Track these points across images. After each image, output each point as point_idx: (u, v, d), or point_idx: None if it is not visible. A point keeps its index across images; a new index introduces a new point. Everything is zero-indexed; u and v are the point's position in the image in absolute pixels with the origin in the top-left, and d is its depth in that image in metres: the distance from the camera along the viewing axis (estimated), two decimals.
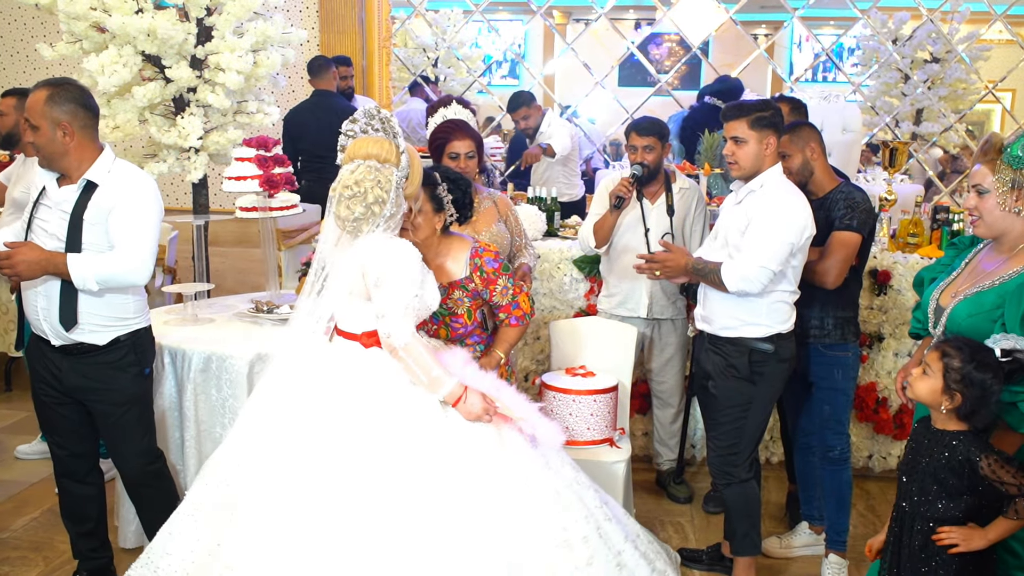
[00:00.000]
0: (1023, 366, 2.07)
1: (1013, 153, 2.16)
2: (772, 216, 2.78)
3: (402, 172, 2.37)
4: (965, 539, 2.10)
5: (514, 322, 2.76)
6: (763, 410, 2.97)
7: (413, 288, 2.34)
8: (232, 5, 3.73)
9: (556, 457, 2.48)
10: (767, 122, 2.83)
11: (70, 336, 2.70)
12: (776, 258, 2.76)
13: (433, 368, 2.32)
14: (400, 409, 2.34)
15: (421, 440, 2.30)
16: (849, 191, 3.05)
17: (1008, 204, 2.20)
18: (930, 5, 6.77)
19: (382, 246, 2.34)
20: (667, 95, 7.17)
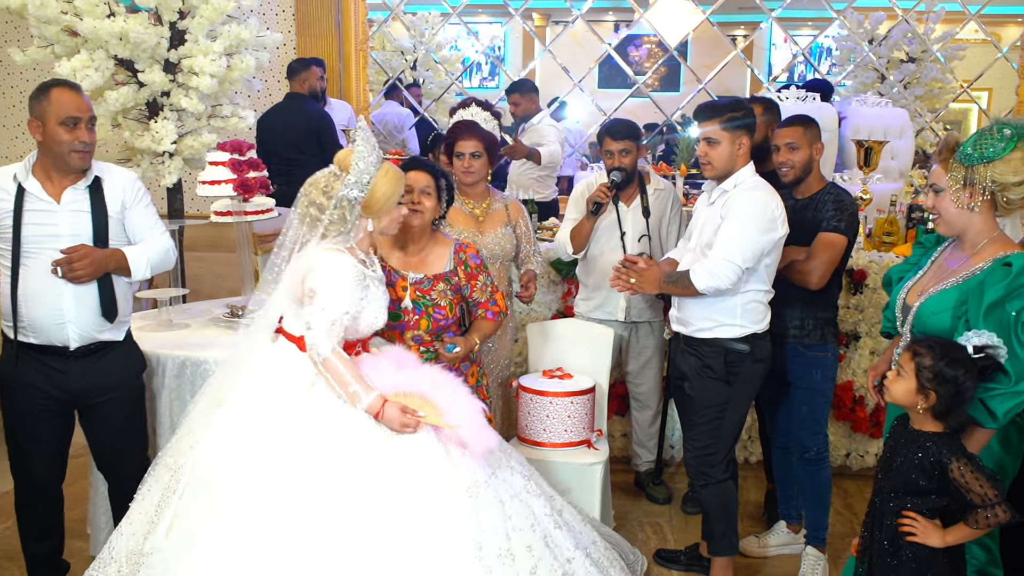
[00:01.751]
0: (995, 363, 2.09)
1: (964, 151, 2.20)
2: (741, 213, 2.79)
3: (351, 182, 2.37)
4: (924, 532, 2.13)
5: (490, 316, 2.94)
6: (739, 410, 2.98)
7: (343, 305, 2.36)
8: (205, 8, 3.70)
9: (505, 464, 2.48)
10: (740, 123, 2.84)
11: (99, 335, 2.73)
12: (743, 254, 2.76)
13: (350, 384, 2.33)
14: (329, 417, 2.34)
15: (348, 450, 2.29)
16: (837, 193, 3.07)
17: (962, 201, 2.22)
18: (905, 5, 6.83)
19: (322, 258, 2.38)
20: (645, 97, 7.19)
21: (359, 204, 2.40)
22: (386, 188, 2.43)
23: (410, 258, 2.86)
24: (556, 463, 3.26)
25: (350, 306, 2.38)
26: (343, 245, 2.43)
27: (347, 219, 2.40)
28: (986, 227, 2.24)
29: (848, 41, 7.58)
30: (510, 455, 2.60)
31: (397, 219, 2.54)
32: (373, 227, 2.49)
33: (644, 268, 2.94)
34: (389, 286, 2.77)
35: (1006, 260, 2.16)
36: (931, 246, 2.48)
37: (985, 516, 2.06)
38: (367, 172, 2.38)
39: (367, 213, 2.44)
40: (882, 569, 2.22)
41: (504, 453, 2.57)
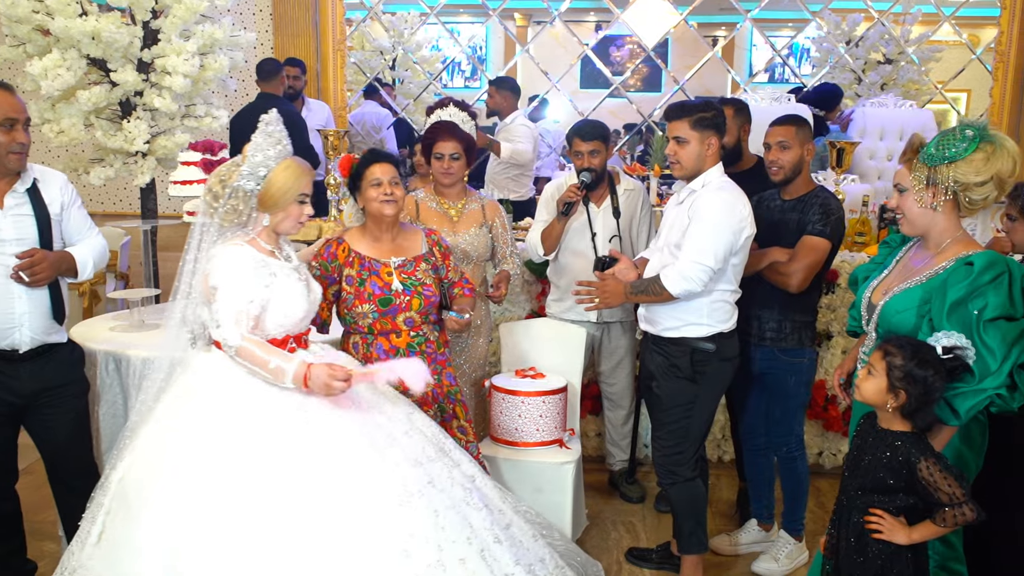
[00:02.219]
0: (963, 363, 2.11)
1: (928, 152, 2.23)
2: (710, 213, 2.80)
3: (245, 172, 2.36)
4: (890, 529, 2.15)
5: (468, 292, 3.05)
6: (707, 409, 2.99)
7: (245, 294, 2.34)
8: (178, 8, 3.68)
9: (446, 476, 2.43)
10: (709, 123, 2.86)
11: (48, 337, 2.75)
12: (714, 254, 2.77)
13: (269, 361, 2.32)
14: (256, 424, 2.29)
15: (275, 457, 2.24)
16: (825, 197, 3.06)
17: (925, 201, 2.25)
18: (881, 7, 6.88)
19: (219, 253, 2.38)
20: (622, 97, 7.22)
21: (255, 197, 2.39)
22: (282, 183, 2.40)
23: (383, 247, 2.89)
24: (528, 462, 3.28)
25: (254, 295, 2.35)
26: (243, 239, 2.42)
27: (241, 211, 2.39)
28: (949, 227, 2.27)
29: (826, 42, 7.63)
30: (457, 464, 2.54)
31: (297, 218, 2.48)
32: (268, 222, 2.44)
33: (605, 283, 2.95)
34: (374, 275, 2.82)
35: (968, 259, 2.19)
36: (896, 246, 2.51)
37: (953, 515, 2.09)
38: (263, 165, 2.37)
39: (262, 207, 2.41)
40: (849, 566, 2.24)
41: (451, 462, 2.51)
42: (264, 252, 2.44)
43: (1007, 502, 2.58)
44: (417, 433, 2.49)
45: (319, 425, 2.32)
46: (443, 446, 2.55)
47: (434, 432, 2.58)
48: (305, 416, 2.32)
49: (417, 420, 2.56)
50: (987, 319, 2.11)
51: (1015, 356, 2.10)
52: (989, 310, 2.11)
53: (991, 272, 2.13)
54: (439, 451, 2.50)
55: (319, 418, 2.33)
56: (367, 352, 2.86)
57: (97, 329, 3.38)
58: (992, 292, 2.12)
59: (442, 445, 2.55)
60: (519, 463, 3.28)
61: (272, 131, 2.40)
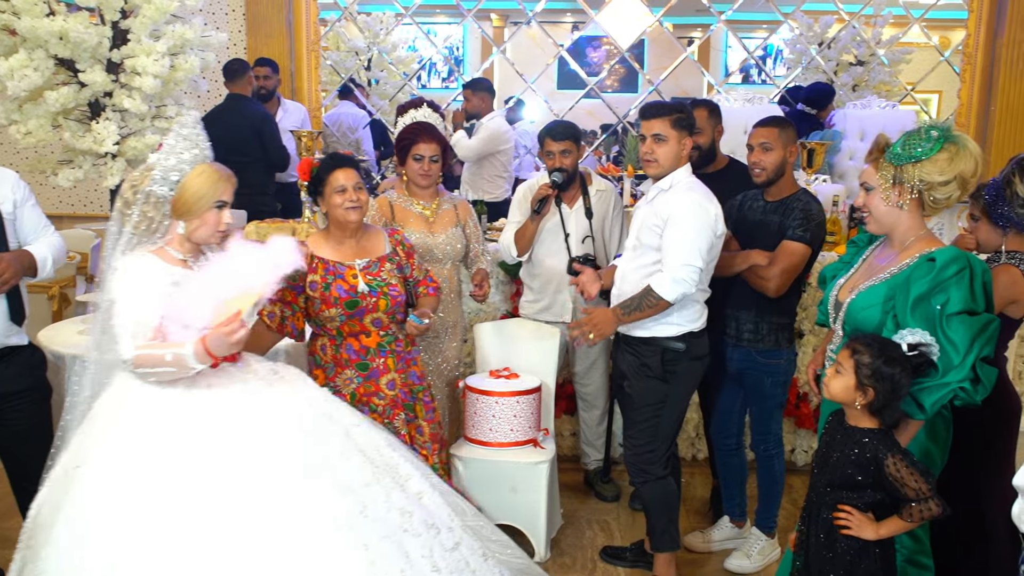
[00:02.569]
0: (928, 359, 2.14)
1: (894, 151, 2.27)
2: (686, 216, 2.82)
3: (157, 177, 2.27)
4: (858, 525, 2.17)
5: (432, 292, 3.04)
6: (677, 408, 3.02)
7: (142, 308, 2.22)
8: (148, 8, 3.66)
9: (382, 500, 2.29)
10: (685, 123, 2.89)
11: (7, 340, 2.71)
12: (701, 254, 2.80)
13: (166, 354, 2.18)
14: (165, 451, 2.15)
15: (186, 489, 2.10)
16: (807, 201, 3.06)
17: (891, 200, 2.29)
18: (851, 9, 6.96)
19: (119, 265, 2.28)
20: (596, 98, 7.24)
21: (168, 203, 2.29)
22: (196, 188, 2.29)
23: (347, 250, 2.88)
24: (503, 462, 3.28)
25: (150, 306, 2.22)
26: (150, 247, 2.32)
27: (153, 218, 2.29)
28: (913, 225, 2.31)
29: (799, 44, 7.70)
30: (403, 483, 2.41)
31: (215, 226, 2.35)
32: (183, 230, 2.33)
33: (593, 315, 2.90)
34: (339, 278, 2.79)
35: (931, 256, 2.22)
36: (864, 245, 2.54)
37: (919, 510, 2.12)
38: (176, 169, 2.27)
39: (176, 214, 2.30)
40: (818, 561, 2.26)
41: (393, 482, 2.38)
42: (172, 261, 2.33)
43: (975, 496, 2.62)
44: (355, 454, 2.35)
45: (242, 456, 2.17)
46: (389, 462, 2.44)
47: (379, 448, 2.46)
48: (229, 443, 2.18)
49: (359, 437, 2.44)
50: (950, 314, 2.14)
51: (977, 350, 2.13)
52: (951, 305, 2.15)
53: (953, 268, 2.17)
54: (382, 470, 2.38)
55: (243, 447, 2.19)
56: (336, 353, 2.85)
57: (65, 333, 3.34)
58: (954, 287, 2.15)
59: (388, 461, 2.44)
60: (493, 463, 3.28)
61: (188, 134, 2.29)
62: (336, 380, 2.85)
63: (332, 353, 2.85)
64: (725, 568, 3.32)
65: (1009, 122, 5.95)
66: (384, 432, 2.57)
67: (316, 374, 2.87)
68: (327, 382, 2.85)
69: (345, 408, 2.52)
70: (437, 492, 2.50)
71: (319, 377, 2.86)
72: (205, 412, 2.24)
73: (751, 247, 3.12)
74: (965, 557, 2.63)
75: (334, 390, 2.83)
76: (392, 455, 2.47)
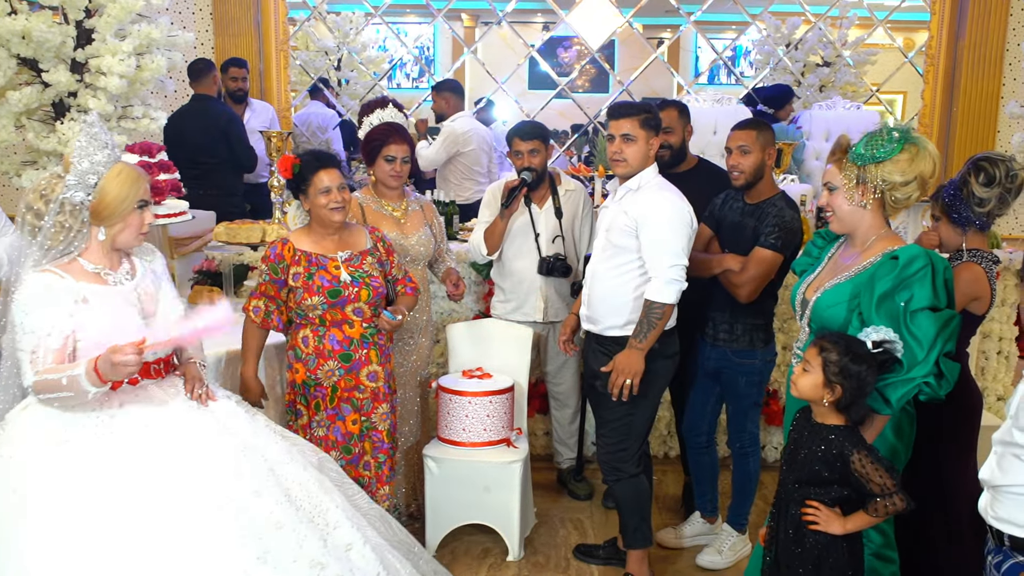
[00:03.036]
0: (893, 356, 2.18)
1: (857, 152, 2.31)
2: (662, 216, 2.85)
3: (72, 183, 2.13)
4: (825, 521, 2.20)
5: (410, 291, 3.10)
6: (649, 406, 3.04)
7: (42, 328, 2.11)
8: (113, 7, 3.62)
9: (291, 548, 2.15)
10: (653, 123, 2.93)
11: None
12: (683, 251, 2.86)
13: (62, 378, 2.05)
14: (58, 505, 2.03)
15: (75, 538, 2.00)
16: (782, 207, 3.06)
17: (855, 199, 2.34)
18: (818, 10, 7.05)
19: (24, 282, 2.14)
20: (567, 98, 7.26)
21: (87, 209, 2.15)
22: (118, 191, 2.17)
23: (329, 244, 2.91)
24: (476, 462, 3.29)
25: (52, 326, 2.10)
26: (63, 260, 2.17)
27: (71, 227, 2.14)
28: (876, 224, 2.35)
29: (767, 45, 7.78)
30: (327, 532, 2.28)
31: (139, 228, 2.25)
32: (105, 236, 2.21)
33: (616, 361, 2.89)
34: (322, 269, 2.81)
35: (894, 254, 2.27)
36: (831, 239, 2.57)
37: (884, 505, 2.15)
38: (92, 172, 2.13)
39: (98, 221, 2.18)
40: (787, 557, 2.29)
41: (314, 529, 2.24)
42: (83, 276, 2.19)
43: (939, 489, 2.67)
44: (275, 492, 2.21)
45: (128, 488, 2.07)
46: (319, 506, 2.30)
47: (308, 491, 2.32)
48: (114, 474, 2.07)
49: (288, 476, 2.30)
50: (914, 310, 2.19)
51: (940, 345, 2.18)
52: (915, 302, 2.19)
53: (915, 265, 2.21)
54: (304, 515, 2.24)
55: (131, 479, 2.08)
56: (319, 345, 2.86)
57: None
58: (917, 284, 2.20)
59: (317, 505, 2.30)
60: (467, 463, 3.29)
61: (97, 133, 2.15)
62: (318, 372, 2.86)
63: (315, 344, 2.86)
64: (697, 564, 3.35)
65: (971, 122, 6.05)
66: (318, 475, 2.41)
67: (297, 367, 2.88)
68: (308, 375, 2.85)
69: (278, 444, 2.39)
70: (370, 546, 2.34)
71: (300, 371, 2.87)
72: (104, 436, 2.13)
73: (729, 247, 3.17)
74: (930, 550, 2.68)
75: (315, 383, 2.85)
76: (323, 499, 2.32)
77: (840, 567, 2.22)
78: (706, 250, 3.24)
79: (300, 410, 2.92)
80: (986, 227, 2.71)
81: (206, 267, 3.78)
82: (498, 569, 3.29)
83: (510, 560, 3.34)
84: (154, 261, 2.41)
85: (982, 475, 1.95)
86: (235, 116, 5.23)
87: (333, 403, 2.90)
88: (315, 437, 2.88)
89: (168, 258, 3.77)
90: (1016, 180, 2.63)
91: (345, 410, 2.91)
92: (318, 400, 2.89)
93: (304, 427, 2.91)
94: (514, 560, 3.34)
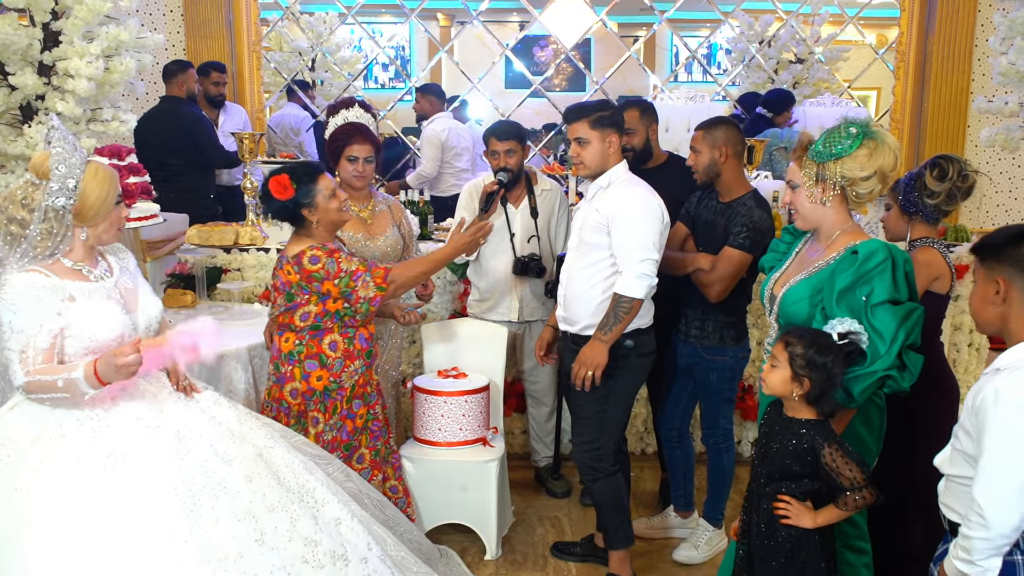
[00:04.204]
0: (858, 348, 2.20)
1: (816, 149, 2.34)
2: (632, 210, 2.86)
3: (54, 189, 2.13)
4: (797, 514, 2.23)
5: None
6: (624, 403, 3.05)
7: (29, 327, 2.12)
8: (80, 9, 3.58)
9: (286, 527, 2.21)
10: (608, 121, 2.91)
11: None
12: (653, 245, 2.85)
13: (58, 380, 2.09)
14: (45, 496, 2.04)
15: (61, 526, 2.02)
16: (751, 207, 3.08)
17: (815, 196, 2.36)
18: (789, 8, 7.10)
19: (9, 282, 2.15)
20: (543, 97, 7.28)
21: (69, 213, 2.17)
22: (99, 190, 2.19)
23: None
24: (453, 461, 3.29)
25: (40, 325, 2.12)
26: (47, 261, 2.19)
27: (56, 232, 2.16)
28: (839, 220, 2.38)
29: (740, 43, 7.83)
30: (316, 509, 2.33)
31: (118, 223, 2.28)
32: (87, 237, 2.24)
33: (581, 354, 2.90)
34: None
35: (854, 249, 2.29)
36: (798, 235, 2.59)
37: (854, 498, 2.17)
38: (71, 176, 2.14)
39: (81, 222, 2.20)
40: (760, 550, 2.31)
41: (305, 508, 2.29)
42: (66, 274, 2.21)
43: (915, 477, 2.70)
44: (265, 476, 2.27)
45: (126, 480, 2.10)
46: (305, 485, 2.36)
47: (295, 471, 2.37)
48: (112, 468, 2.10)
49: (275, 459, 2.36)
50: (874, 304, 2.22)
51: (902, 338, 2.21)
52: (875, 295, 2.22)
53: (875, 259, 2.24)
54: (294, 495, 2.30)
55: (128, 471, 2.11)
56: (349, 346, 2.85)
57: None
58: (877, 278, 2.23)
59: (304, 485, 2.36)
60: (443, 463, 3.29)
61: (65, 135, 2.15)
62: (341, 376, 2.85)
63: (344, 347, 2.84)
64: (673, 559, 3.37)
65: (941, 118, 6.12)
66: (301, 456, 2.46)
67: (319, 375, 2.83)
68: (331, 380, 2.84)
69: (262, 430, 2.43)
70: (356, 519, 2.41)
71: (323, 378, 2.83)
72: (99, 431, 2.15)
73: (703, 245, 3.19)
74: (904, 537, 2.71)
75: (337, 387, 2.85)
76: (309, 479, 2.38)
77: (813, 559, 2.24)
78: (682, 248, 3.26)
79: (317, 417, 2.85)
80: (932, 219, 2.76)
81: (179, 270, 3.76)
82: (476, 568, 3.29)
83: (488, 559, 3.34)
84: (127, 259, 2.43)
85: (936, 461, 2.00)
86: (201, 117, 5.18)
87: (348, 404, 2.89)
88: (324, 442, 2.84)
89: (140, 261, 3.75)
90: (967, 181, 2.70)
91: (356, 406, 2.91)
92: (337, 403, 2.86)
93: (320, 434, 2.85)
94: (492, 559, 3.34)
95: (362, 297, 2.77)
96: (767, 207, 3.16)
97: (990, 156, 5.99)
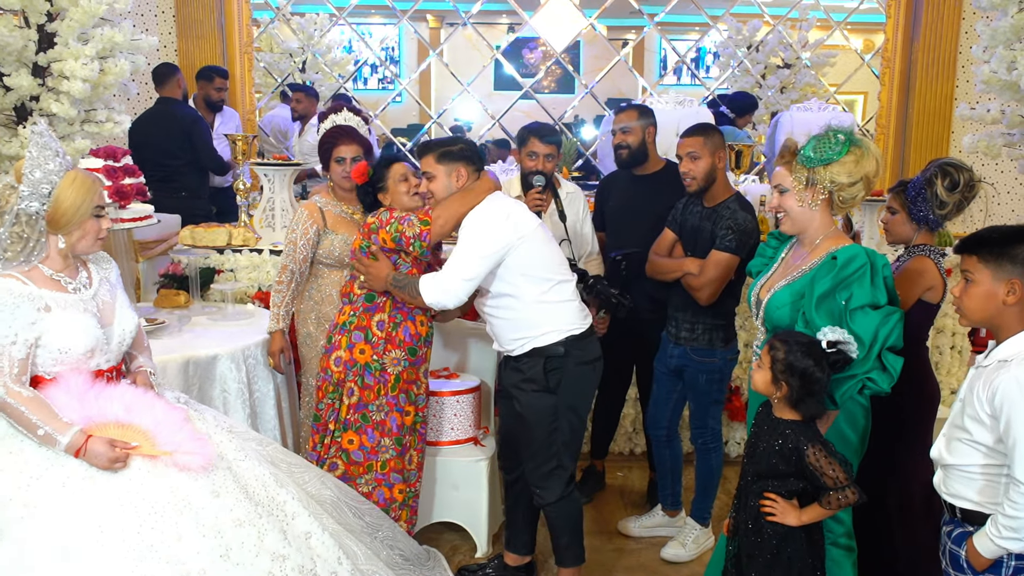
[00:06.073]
0: (846, 356, 2.25)
1: (805, 154, 2.40)
2: (467, 232, 2.76)
3: (26, 193, 2.12)
4: (782, 512, 2.27)
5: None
6: (574, 417, 2.88)
7: (4, 334, 2.10)
8: (75, 11, 3.60)
9: (252, 543, 2.16)
10: (455, 155, 2.80)
11: None
12: (471, 269, 2.70)
13: (38, 427, 2.07)
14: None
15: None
16: (735, 210, 3.10)
17: (805, 201, 2.42)
18: (777, 12, 7.17)
19: None
20: (532, 99, 7.32)
21: (43, 218, 2.15)
22: (74, 198, 2.16)
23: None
24: (444, 461, 3.33)
25: (16, 336, 2.10)
26: (24, 267, 2.17)
27: (28, 237, 2.14)
28: (824, 224, 2.44)
29: (728, 47, 7.89)
30: (285, 523, 2.28)
31: (96, 234, 2.25)
32: (64, 244, 2.21)
33: (372, 266, 2.88)
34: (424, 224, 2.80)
35: (833, 254, 2.35)
36: (784, 240, 2.65)
37: (837, 498, 2.22)
38: (46, 181, 2.12)
39: (55, 229, 2.18)
40: (748, 547, 2.35)
41: (273, 522, 2.25)
42: (44, 283, 2.19)
43: (898, 476, 2.75)
44: (233, 490, 2.22)
45: (81, 496, 2.07)
46: (275, 499, 2.31)
47: (265, 485, 2.33)
48: (81, 478, 2.09)
49: (245, 472, 2.31)
50: (853, 308, 2.28)
51: (882, 341, 2.27)
52: (854, 300, 2.28)
53: (853, 265, 2.31)
54: (263, 509, 2.25)
55: (84, 487, 2.08)
56: (393, 331, 2.96)
57: None
58: (856, 284, 2.29)
59: (274, 498, 2.31)
60: (435, 462, 3.33)
61: (47, 142, 2.13)
62: (384, 358, 2.94)
63: (389, 330, 2.94)
64: (661, 557, 3.41)
65: (926, 123, 6.19)
66: (272, 468, 2.41)
67: (363, 348, 2.95)
68: (374, 358, 2.93)
69: (232, 442, 2.38)
70: (328, 532, 2.37)
71: (367, 352, 2.94)
72: (60, 454, 2.11)
73: (691, 250, 3.23)
74: (888, 535, 2.77)
75: (380, 368, 2.93)
76: (279, 492, 2.34)
77: (799, 556, 2.29)
78: (670, 254, 3.30)
79: (352, 388, 2.96)
80: (936, 228, 2.80)
81: (172, 271, 3.78)
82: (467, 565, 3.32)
83: (479, 557, 3.38)
84: (109, 270, 2.40)
85: (932, 454, 2.09)
86: (199, 118, 5.21)
87: (395, 391, 2.96)
88: (373, 420, 2.96)
89: (134, 262, 3.77)
90: (973, 190, 2.73)
91: (403, 400, 2.98)
92: (381, 385, 2.95)
93: (353, 406, 2.96)
94: (483, 557, 3.38)
95: (410, 236, 2.82)
96: (751, 209, 3.20)
97: (972, 162, 5.98)
